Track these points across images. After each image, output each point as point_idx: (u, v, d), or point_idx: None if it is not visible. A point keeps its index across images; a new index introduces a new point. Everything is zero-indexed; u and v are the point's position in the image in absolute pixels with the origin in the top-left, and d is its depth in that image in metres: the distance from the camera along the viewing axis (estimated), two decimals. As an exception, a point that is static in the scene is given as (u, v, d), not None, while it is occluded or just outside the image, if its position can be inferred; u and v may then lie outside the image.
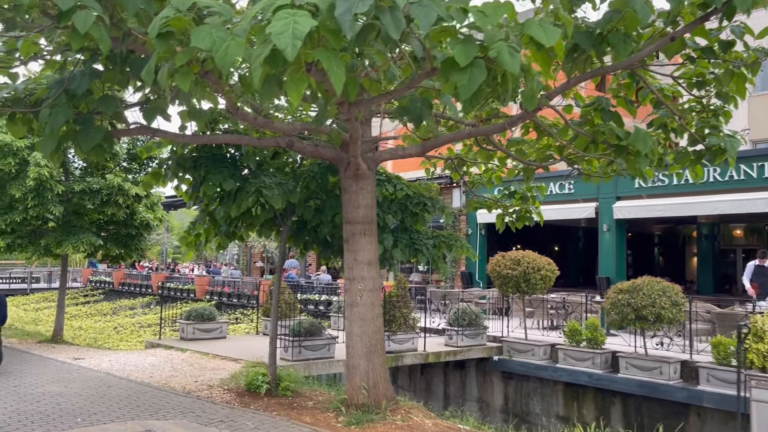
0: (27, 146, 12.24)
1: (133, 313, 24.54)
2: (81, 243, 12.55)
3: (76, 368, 10.38)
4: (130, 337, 18.36)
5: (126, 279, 30.43)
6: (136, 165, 14.26)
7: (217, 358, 11.59)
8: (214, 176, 7.67)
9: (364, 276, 7.28)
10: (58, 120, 6.26)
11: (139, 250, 14.65)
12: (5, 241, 12.15)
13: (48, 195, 12.14)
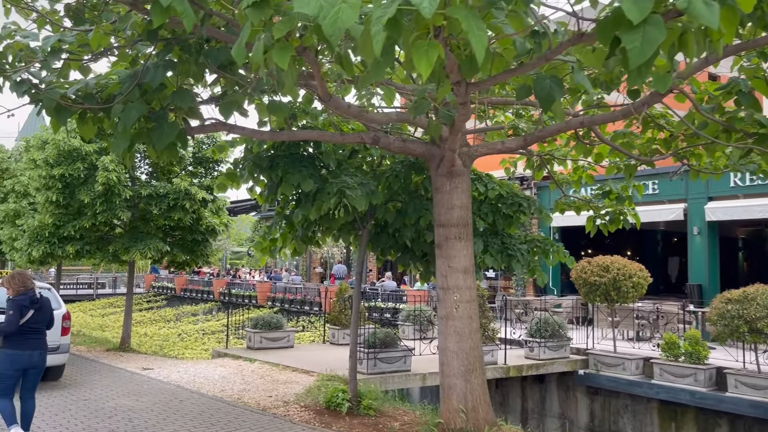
0: (95, 151, 12.03)
1: (196, 319, 24.47)
2: (148, 249, 12.26)
3: (146, 379, 9.99)
4: (194, 345, 18.12)
5: (188, 285, 30.58)
6: (201, 169, 13.93)
7: (287, 370, 11.02)
8: (293, 176, 7.06)
9: (459, 285, 6.51)
10: (131, 116, 5.77)
11: (204, 256, 14.31)
12: (74, 248, 11.96)
13: (116, 200, 11.88)
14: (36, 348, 6.20)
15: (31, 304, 6.17)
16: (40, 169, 11.78)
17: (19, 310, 6.03)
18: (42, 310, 6.32)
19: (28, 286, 6.24)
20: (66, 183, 11.80)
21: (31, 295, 6.21)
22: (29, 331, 6.13)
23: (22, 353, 6.05)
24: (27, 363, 6.11)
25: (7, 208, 13.84)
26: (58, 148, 11.60)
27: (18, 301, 6.09)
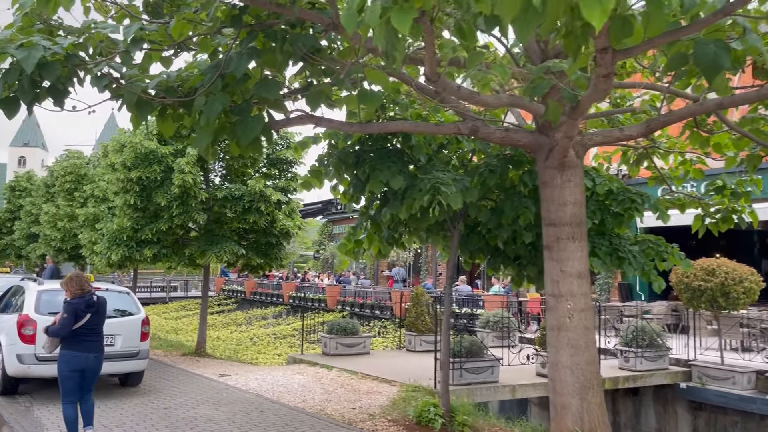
0: (171, 153, 11.91)
1: (267, 323, 24.42)
2: (224, 252, 12.03)
3: (224, 387, 9.68)
4: (267, 349, 17.92)
5: (257, 288, 30.72)
6: (275, 170, 13.65)
7: (367, 379, 10.50)
8: (381, 172, 6.52)
9: (573, 292, 5.77)
10: (215, 108, 5.36)
11: (278, 260, 14.01)
12: (152, 251, 11.88)
13: (192, 203, 11.71)
14: (92, 350, 6.18)
15: (87, 307, 6.14)
16: (118, 172, 11.76)
17: (74, 314, 6.02)
18: (98, 312, 6.30)
19: (85, 289, 6.22)
20: (143, 186, 11.73)
21: (87, 299, 6.17)
22: (85, 334, 6.11)
23: (78, 355, 6.06)
24: (83, 365, 6.09)
25: (86, 213, 13.99)
26: (135, 150, 11.53)
27: (74, 304, 6.08)
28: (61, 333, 6.05)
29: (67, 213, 16.89)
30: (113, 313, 9.03)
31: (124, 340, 8.77)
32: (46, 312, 8.43)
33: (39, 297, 8.56)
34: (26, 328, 8.17)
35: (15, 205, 25.86)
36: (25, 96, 5.25)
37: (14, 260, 27.37)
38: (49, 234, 16.77)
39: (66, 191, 17.34)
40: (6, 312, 9.33)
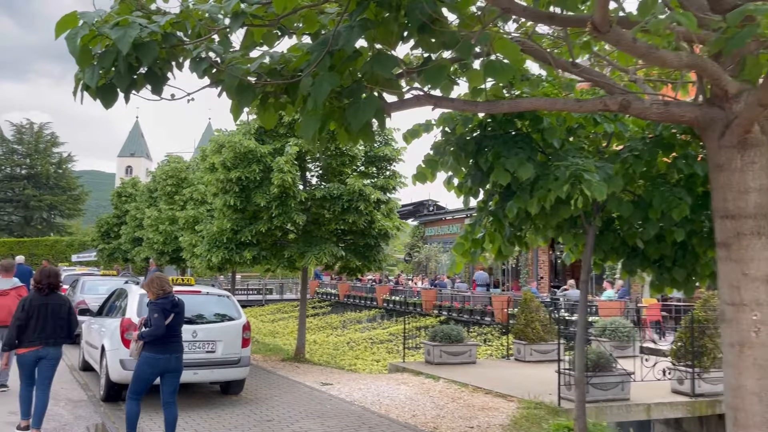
0: (270, 152, 11.56)
1: (362, 327, 23.97)
2: (323, 254, 11.53)
3: (327, 397, 9.10)
4: (364, 355, 17.37)
5: (351, 291, 30.45)
6: (374, 168, 13.03)
7: (479, 392, 9.61)
8: (507, 160, 5.64)
9: (759, 300, 4.63)
10: (323, 89, 4.67)
11: (377, 262, 13.38)
12: (252, 253, 11.57)
13: (291, 203, 11.29)
14: (174, 351, 6.11)
15: (173, 307, 6.11)
16: (217, 173, 11.54)
17: (163, 313, 5.98)
18: (180, 313, 6.26)
19: (167, 290, 6.20)
20: (242, 186, 11.44)
21: (171, 298, 6.15)
22: (169, 335, 6.06)
23: (161, 356, 5.99)
24: (164, 366, 6.04)
25: (186, 215, 14.01)
26: (234, 150, 11.26)
27: (160, 304, 6.04)
28: (157, 333, 5.94)
29: (169, 216, 17.13)
30: (213, 317, 8.67)
31: (225, 346, 8.36)
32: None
33: (141, 300, 8.31)
34: (129, 332, 7.91)
35: (121, 210, 26.95)
36: (121, 82, 4.79)
37: (122, 263, 28.55)
38: (151, 237, 17.10)
39: (167, 195, 17.63)
40: (110, 315, 9.20)
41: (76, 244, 49.86)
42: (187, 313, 8.57)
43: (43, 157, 73.18)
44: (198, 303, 8.72)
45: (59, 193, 72.97)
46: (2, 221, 68.53)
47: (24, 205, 70.51)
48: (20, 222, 70.82)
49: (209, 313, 8.67)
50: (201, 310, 8.64)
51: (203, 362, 8.17)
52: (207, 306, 8.77)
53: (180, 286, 8.80)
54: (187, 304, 8.79)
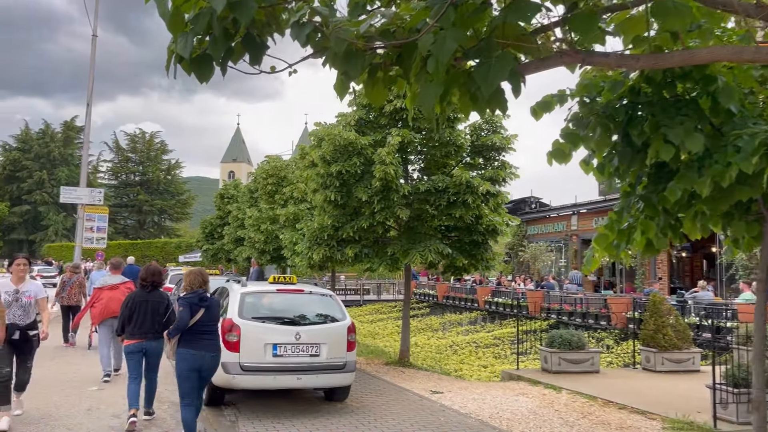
0: (370, 144, 10.92)
1: (464, 330, 22.97)
2: (428, 252, 10.74)
3: (439, 408, 8.27)
4: (469, 360, 16.41)
5: (450, 292, 29.51)
6: (480, 159, 12.08)
7: (611, 407, 8.43)
8: (671, 131, 4.58)
9: None
10: (447, 47, 3.83)
11: (484, 261, 12.40)
12: (353, 251, 10.98)
13: (393, 197, 10.59)
14: (208, 350, 6.03)
15: (200, 301, 6.01)
16: (317, 168, 11.06)
17: (189, 308, 5.93)
18: (211, 309, 6.12)
19: (200, 285, 6.12)
20: (343, 181, 10.88)
21: (200, 293, 6.06)
22: (201, 332, 5.99)
23: (195, 353, 5.94)
24: (199, 364, 5.96)
25: (287, 212, 13.67)
26: (334, 143, 10.71)
27: (188, 298, 6.00)
28: (180, 326, 5.92)
29: (269, 216, 17.02)
30: (317, 318, 8.08)
31: (329, 349, 7.74)
32: (249, 316, 7.69)
33: (242, 300, 7.86)
34: (230, 334, 7.47)
35: (224, 211, 27.53)
36: (216, 50, 4.19)
37: (225, 264, 29.17)
38: (253, 237, 17.06)
39: (267, 194, 17.55)
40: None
41: (183, 245, 52.16)
42: (290, 313, 8.09)
43: (154, 164, 77.50)
44: (301, 303, 8.18)
45: (168, 198, 77.00)
46: (119, 225, 73.13)
47: (138, 209, 74.98)
48: (134, 225, 75.38)
49: (312, 313, 8.10)
50: (304, 310, 8.08)
51: (307, 367, 7.58)
52: (310, 306, 8.20)
53: (282, 285, 8.30)
54: (289, 304, 8.32)
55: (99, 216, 23.04)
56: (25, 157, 70.36)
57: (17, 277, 6.72)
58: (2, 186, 70.45)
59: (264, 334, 7.57)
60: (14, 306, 6.55)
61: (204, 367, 6.01)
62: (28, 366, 6.83)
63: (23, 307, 6.61)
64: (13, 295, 6.58)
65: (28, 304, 6.63)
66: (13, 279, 6.73)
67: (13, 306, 6.54)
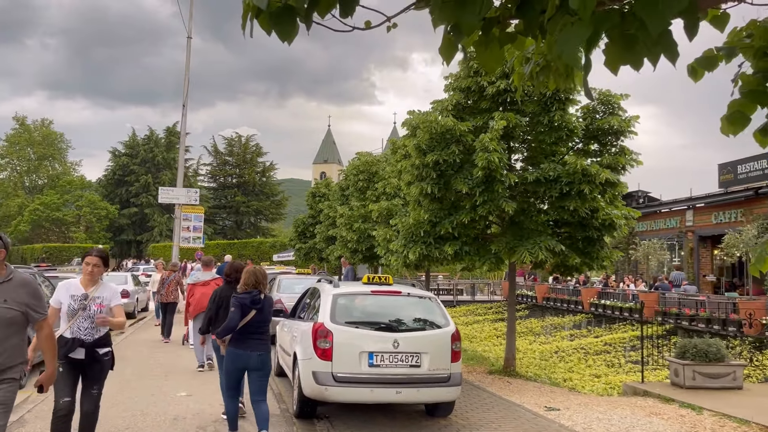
0: (470, 130, 9.90)
1: (569, 334, 21.36)
2: (538, 249, 9.57)
3: (557, 429, 7.14)
4: (579, 368, 14.98)
5: (550, 293, 27.81)
6: (595, 145, 10.76)
7: (773, 436, 6.95)
8: None
9: None
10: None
11: (599, 260, 11.06)
12: (453, 248, 10.00)
13: (498, 188, 9.52)
14: (255, 349, 5.92)
15: (252, 303, 5.91)
16: (411, 158, 10.17)
17: (241, 308, 5.87)
18: (263, 311, 5.99)
19: (254, 285, 5.99)
20: (440, 171, 9.93)
21: (253, 294, 5.94)
22: (250, 332, 5.92)
23: (242, 353, 5.91)
24: (245, 363, 5.92)
25: (379, 207, 12.87)
26: (430, 130, 9.79)
27: (240, 298, 5.92)
28: (229, 327, 5.88)
29: (361, 214, 16.38)
30: (416, 324, 7.18)
31: (432, 359, 6.81)
32: (343, 321, 6.91)
33: (335, 302, 7.10)
34: (323, 340, 6.72)
35: (315, 210, 27.34)
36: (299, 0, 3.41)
37: (317, 263, 28.97)
38: (345, 235, 16.46)
39: (359, 190, 16.92)
40: (302, 318, 8.18)
41: (278, 245, 53.13)
42: (386, 318, 7.24)
43: (250, 167, 79.82)
44: (398, 306, 7.31)
45: (264, 199, 79.07)
46: (218, 225, 75.89)
47: (235, 210, 77.52)
48: (232, 226, 77.98)
49: (411, 318, 7.21)
50: (402, 314, 7.21)
51: (406, 379, 6.70)
52: (409, 310, 7.32)
53: (377, 286, 7.47)
54: (386, 307, 7.47)
55: (195, 216, 23.43)
56: (133, 162, 74.45)
57: (88, 279, 5.11)
58: (113, 190, 74.96)
59: (359, 340, 6.76)
60: (80, 316, 5.01)
61: (250, 367, 5.92)
62: (94, 393, 5.10)
63: (92, 317, 5.03)
64: (80, 302, 5.03)
65: (98, 313, 5.05)
66: (83, 280, 5.13)
67: (79, 315, 5.01)
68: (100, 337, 5.10)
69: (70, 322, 4.99)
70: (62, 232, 70.98)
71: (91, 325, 5.04)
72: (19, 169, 75.80)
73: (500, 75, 10.22)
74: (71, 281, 5.21)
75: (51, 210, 68.12)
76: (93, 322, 5.05)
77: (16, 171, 75.75)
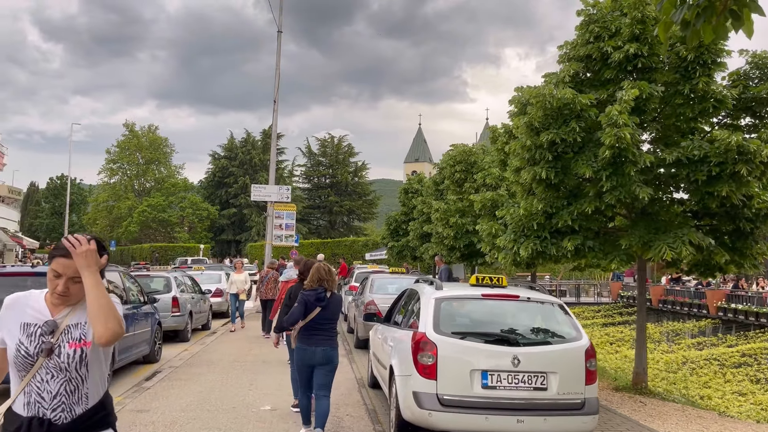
0: (592, 103, 8.37)
1: (696, 342, 18.95)
2: (681, 244, 7.88)
3: (728, 473, 5.54)
4: (715, 383, 12.90)
5: (666, 296, 25.19)
6: (747, 117, 8.88)
7: None
8: None
9: None
10: None
11: (751, 258, 9.15)
12: (573, 243, 8.49)
13: (629, 170, 7.93)
14: (319, 345, 5.93)
15: (317, 300, 5.93)
16: (521, 140, 8.75)
17: (305, 305, 5.90)
18: (328, 308, 5.97)
19: (319, 282, 6.01)
20: (557, 153, 8.45)
21: (319, 291, 5.97)
22: (315, 328, 5.94)
23: (308, 348, 5.94)
24: (311, 359, 5.94)
25: (483, 198, 11.43)
26: (544, 105, 8.33)
27: (306, 295, 5.97)
28: (289, 321, 6.01)
29: (458, 208, 15.03)
30: (540, 337, 5.83)
31: (561, 381, 5.44)
32: (449, 331, 5.68)
33: (439, 308, 5.89)
34: (424, 354, 5.53)
35: (408, 207, 26.24)
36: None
37: (410, 262, 27.86)
38: (441, 231, 15.16)
39: (455, 183, 15.54)
40: (399, 324, 7.03)
41: (370, 243, 52.67)
42: (502, 328, 5.92)
43: (343, 167, 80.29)
44: (517, 313, 6.00)
45: (356, 199, 79.31)
46: (312, 225, 76.88)
47: (328, 210, 78.25)
48: (326, 225, 78.79)
49: (534, 329, 5.87)
50: (522, 324, 5.89)
51: (530, 405, 5.38)
52: (530, 318, 5.99)
53: (489, 288, 6.18)
54: (501, 315, 6.13)
55: (287, 213, 22.98)
56: (231, 164, 76.85)
57: (60, 295, 2.38)
58: (213, 191, 77.78)
59: (469, 356, 5.51)
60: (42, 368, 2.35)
61: (316, 362, 5.93)
62: None
63: (64, 369, 2.35)
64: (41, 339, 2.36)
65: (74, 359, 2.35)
66: (50, 297, 2.42)
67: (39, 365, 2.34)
68: (90, 409, 2.40)
69: (23, 380, 2.35)
70: (167, 232, 74.37)
71: (64, 384, 2.36)
72: (129, 173, 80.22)
73: (629, 38, 8.61)
74: (29, 294, 2.49)
75: (157, 211, 71.49)
76: (70, 380, 2.36)
77: (126, 175, 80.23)
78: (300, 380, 6.11)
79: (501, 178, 13.96)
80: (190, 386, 8.73)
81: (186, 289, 15.02)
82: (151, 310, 11.18)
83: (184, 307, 13.96)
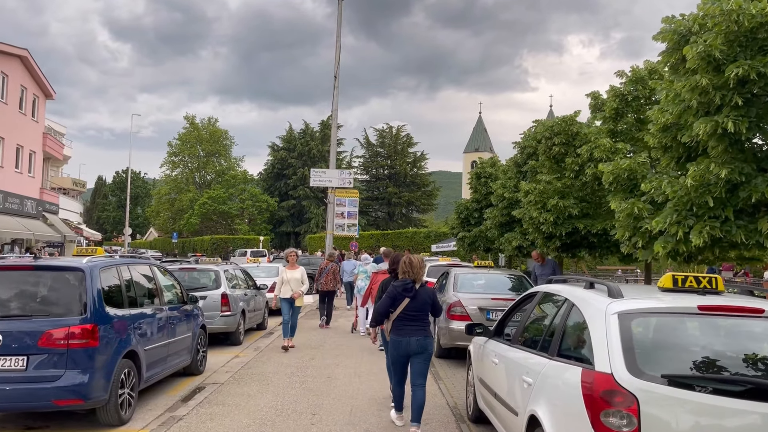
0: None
1: None
2: None
3: None
4: None
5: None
6: None
7: None
8: None
9: None
10: None
11: None
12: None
13: None
14: (412, 335, 5.99)
15: (404, 291, 5.99)
16: (689, 79, 6.13)
17: (393, 298, 6.00)
18: (417, 298, 6.01)
19: (406, 274, 6.03)
20: (748, 96, 5.81)
21: (407, 283, 6.00)
22: (406, 318, 6.02)
23: (401, 339, 6.02)
24: (405, 349, 6.02)
25: (616, 167, 8.48)
26: (728, 26, 5.71)
27: (394, 287, 6.06)
28: (378, 312, 6.12)
29: (557, 189, 12.36)
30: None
31: None
32: (657, 373, 3.22)
33: (627, 332, 3.43)
34: (613, 412, 3.11)
35: (480, 193, 23.67)
36: None
37: (482, 254, 25.21)
38: (536, 217, 12.52)
39: (552, 159, 12.83)
40: (531, 347, 4.60)
41: (432, 235, 50.28)
42: (742, 366, 3.48)
43: (401, 158, 78.17)
44: (758, 339, 3.48)
45: (415, 190, 77.08)
46: (371, 217, 75.14)
47: (387, 201, 76.33)
48: (384, 217, 76.91)
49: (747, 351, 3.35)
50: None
51: None
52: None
53: (703, 296, 3.67)
54: (738, 344, 3.69)
55: (349, 200, 20.87)
56: (290, 155, 75.93)
57: None
58: (272, 183, 77.12)
59: (698, 417, 3.06)
60: None
61: (411, 351, 5.99)
62: None
63: None
64: None
65: None
66: None
67: None
68: None
69: None
70: (228, 224, 74.13)
71: None
72: (190, 165, 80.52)
73: None
74: None
75: (218, 204, 71.22)
76: None
77: (187, 167, 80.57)
78: (394, 372, 6.23)
79: (614, 150, 11.29)
80: (234, 416, 6.64)
81: (238, 285, 13.03)
82: (193, 311, 9.16)
83: (235, 306, 11.95)
